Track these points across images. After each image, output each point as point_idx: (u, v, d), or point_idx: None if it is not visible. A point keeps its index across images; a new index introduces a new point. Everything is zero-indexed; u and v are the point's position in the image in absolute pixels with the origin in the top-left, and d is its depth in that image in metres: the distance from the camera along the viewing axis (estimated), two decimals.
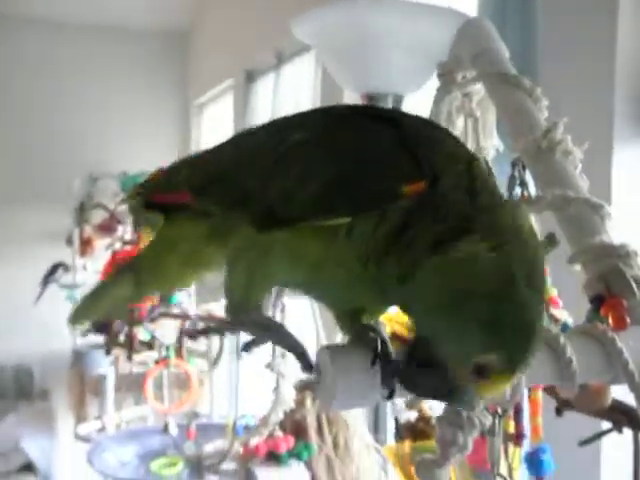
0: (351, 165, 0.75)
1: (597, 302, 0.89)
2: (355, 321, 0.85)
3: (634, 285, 0.87)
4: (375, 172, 0.74)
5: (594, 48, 2.10)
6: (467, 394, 0.67)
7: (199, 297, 4.45)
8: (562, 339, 0.81)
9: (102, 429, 5.18)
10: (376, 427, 2.51)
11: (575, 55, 2.14)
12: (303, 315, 1.81)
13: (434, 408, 1.49)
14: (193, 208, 0.87)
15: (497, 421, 0.98)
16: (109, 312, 1.09)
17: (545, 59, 2.13)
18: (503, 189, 1.20)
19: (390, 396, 0.75)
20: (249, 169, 0.82)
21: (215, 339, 4.08)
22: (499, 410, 0.99)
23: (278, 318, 1.57)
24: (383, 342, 0.78)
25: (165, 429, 3.62)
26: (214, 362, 4.17)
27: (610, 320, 0.87)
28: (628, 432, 1.12)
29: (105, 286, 1.03)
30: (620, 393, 1.05)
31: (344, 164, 0.75)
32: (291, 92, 4.44)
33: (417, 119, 0.82)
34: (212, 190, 0.85)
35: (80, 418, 5.55)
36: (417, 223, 0.72)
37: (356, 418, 1.90)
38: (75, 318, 1.04)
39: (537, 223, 1.10)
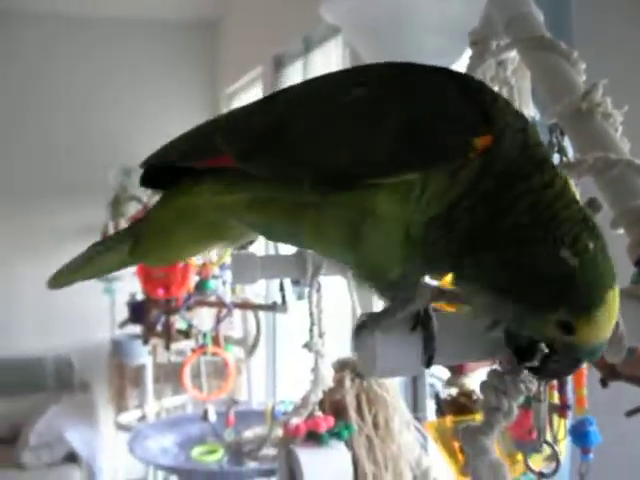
0: (419, 117, 0.72)
1: None
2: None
3: None
4: (444, 123, 0.71)
5: (629, 10, 2.05)
6: (578, 350, 0.69)
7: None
8: None
9: (142, 418, 5.24)
10: (415, 405, 2.50)
11: (610, 17, 2.09)
12: (339, 293, 1.80)
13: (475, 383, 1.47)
14: (227, 175, 0.83)
15: (542, 387, 0.97)
16: (93, 276, 1.01)
17: (579, 22, 2.08)
18: None
19: (429, 363, 0.75)
20: (306, 128, 0.77)
21: (252, 325, 4.10)
22: None
23: (314, 298, 1.56)
24: (425, 309, 0.77)
25: (204, 417, 3.65)
26: (251, 349, 4.19)
27: None
28: None
29: (97, 250, 0.96)
30: None
31: (412, 116, 0.72)
32: None
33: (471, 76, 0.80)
34: (263, 154, 0.78)
35: (120, 408, 5.62)
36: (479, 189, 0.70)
37: (396, 396, 1.89)
38: (56, 279, 1.00)
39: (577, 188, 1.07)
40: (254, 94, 6.07)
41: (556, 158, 1.10)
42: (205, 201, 0.86)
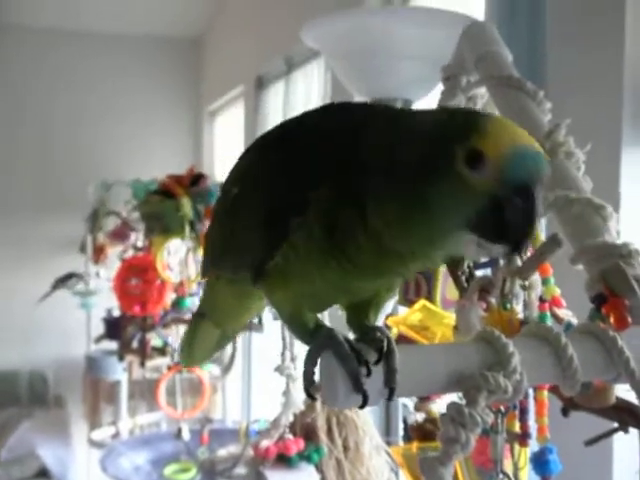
0: (267, 200, 0.82)
1: (598, 301, 0.90)
2: (363, 320, 0.88)
3: (635, 285, 0.88)
4: (284, 195, 0.79)
5: (602, 52, 2.11)
6: (504, 170, 0.69)
7: None
8: (563, 338, 0.81)
9: (116, 435, 5.21)
10: (387, 429, 2.52)
11: (583, 59, 2.15)
12: None
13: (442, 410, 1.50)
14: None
15: (500, 419, 0.99)
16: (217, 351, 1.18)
17: (553, 63, 2.13)
18: None
19: (390, 397, 0.77)
20: (221, 230, 0.94)
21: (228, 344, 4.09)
22: (502, 408, 0.99)
23: (287, 334, 1.58)
24: (388, 342, 0.80)
25: (178, 434, 3.64)
26: (227, 367, 4.19)
27: (612, 319, 0.88)
28: (635, 432, 1.12)
29: (190, 337, 1.11)
30: (626, 392, 1.06)
31: (261, 200, 0.82)
32: (301, 98, 4.47)
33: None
34: (219, 263, 0.96)
35: (94, 424, 5.58)
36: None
37: (366, 420, 1.91)
38: (187, 364, 1.16)
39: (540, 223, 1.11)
40: (236, 112, 6.10)
41: None
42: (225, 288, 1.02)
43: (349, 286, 0.84)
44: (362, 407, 0.78)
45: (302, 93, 4.47)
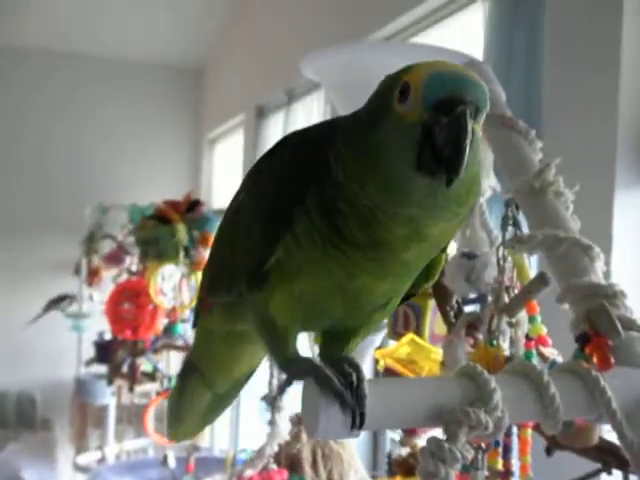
0: (267, 196, 0.86)
1: (582, 341, 0.90)
2: (336, 350, 0.90)
3: (619, 325, 0.89)
4: (281, 189, 0.83)
5: (598, 94, 2.13)
6: (427, 90, 0.71)
7: None
8: (546, 376, 0.82)
9: (102, 460, 5.16)
10: (374, 463, 2.50)
11: (579, 100, 2.17)
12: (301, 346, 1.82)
13: None
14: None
15: (480, 455, 0.99)
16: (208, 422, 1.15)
17: (548, 102, 2.16)
18: (497, 229, 1.22)
19: (361, 425, 0.76)
20: (221, 243, 0.97)
21: None
22: (483, 445, 0.99)
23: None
24: (357, 371, 0.80)
25: (164, 461, 3.60)
26: None
27: (595, 359, 0.88)
28: (618, 474, 1.12)
29: (177, 401, 1.09)
30: (608, 433, 1.05)
31: (262, 200, 0.86)
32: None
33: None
34: (215, 284, 0.97)
35: (81, 448, 5.52)
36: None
37: (352, 453, 1.89)
38: (175, 436, 1.12)
39: (528, 260, 1.12)
40: (236, 140, 6.14)
41: (510, 231, 1.14)
42: (213, 325, 1.03)
43: (349, 283, 0.83)
44: (353, 429, 0.77)
45: (302, 124, 4.50)
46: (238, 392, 1.14)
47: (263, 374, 1.83)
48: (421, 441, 1.45)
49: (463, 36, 3.13)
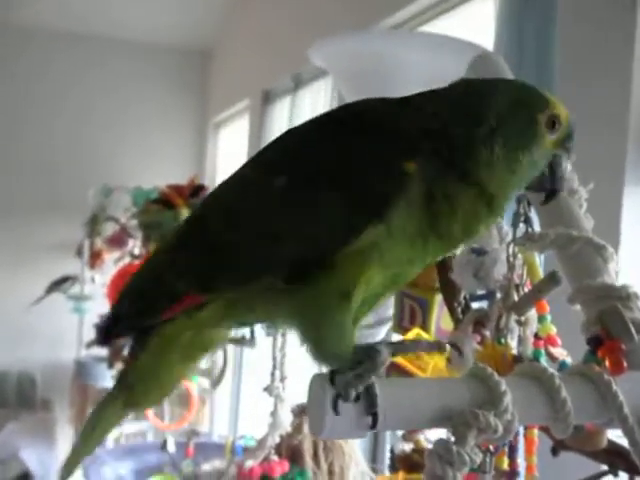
0: (352, 177, 0.78)
1: (594, 344, 0.88)
2: None
3: (633, 329, 0.87)
4: (374, 171, 0.77)
5: (609, 90, 2.11)
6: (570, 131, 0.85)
7: None
8: (557, 380, 0.80)
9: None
10: (374, 456, 2.50)
11: (589, 96, 2.15)
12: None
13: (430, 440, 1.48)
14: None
15: (488, 458, 0.98)
16: (98, 444, 0.96)
17: (561, 92, 2.13)
18: (508, 224, 1.20)
19: (374, 425, 0.75)
20: (247, 235, 0.81)
21: (219, 357, 4.07)
22: (491, 447, 0.98)
23: (279, 341, 1.57)
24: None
25: (163, 446, 3.60)
26: (216, 381, 4.16)
27: (607, 363, 0.87)
28: (625, 476, 1.11)
29: (94, 420, 0.94)
30: (618, 435, 1.04)
31: (346, 178, 0.78)
32: (307, 115, 4.47)
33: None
34: (220, 276, 0.82)
35: (80, 430, 5.53)
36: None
37: (353, 446, 1.89)
38: (67, 467, 0.94)
39: (539, 259, 1.10)
40: (241, 125, 6.11)
41: (522, 228, 1.12)
42: (188, 324, 0.87)
43: (405, 270, 0.83)
44: (372, 428, 0.76)
45: (308, 110, 4.48)
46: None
47: (265, 365, 1.82)
48: (424, 437, 1.44)
49: (472, 26, 3.10)
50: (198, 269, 0.84)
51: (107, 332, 0.93)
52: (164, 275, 0.86)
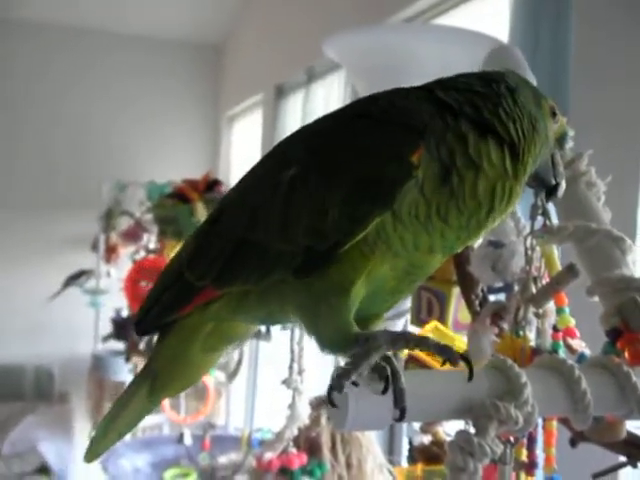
0: (356, 168, 0.79)
1: (613, 335, 0.89)
2: None
3: None
4: (378, 162, 0.78)
5: (625, 83, 2.10)
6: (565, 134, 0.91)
7: None
8: (577, 371, 0.81)
9: None
10: (391, 448, 2.51)
11: (606, 89, 2.14)
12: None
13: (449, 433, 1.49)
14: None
15: (509, 450, 0.98)
16: (123, 434, 0.99)
17: (575, 92, 2.13)
18: (525, 217, 1.21)
19: (401, 418, 0.76)
20: (261, 229, 0.83)
21: (235, 350, 4.09)
22: (511, 439, 0.99)
23: (297, 335, 1.58)
24: (391, 364, 0.79)
25: (180, 439, 3.63)
26: (232, 374, 4.18)
27: (626, 354, 0.87)
28: None
29: (118, 405, 0.97)
30: (637, 426, 1.04)
31: (350, 172, 0.79)
32: (320, 109, 4.47)
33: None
34: (234, 271, 0.85)
35: (97, 423, 5.57)
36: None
37: (370, 438, 1.90)
38: (91, 452, 0.97)
39: (558, 252, 1.10)
40: (254, 119, 6.12)
41: (540, 221, 1.12)
42: (206, 316, 0.91)
43: (425, 261, 0.83)
44: (399, 420, 0.76)
45: (321, 103, 4.48)
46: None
47: (281, 358, 1.84)
48: (442, 429, 1.45)
49: (485, 19, 3.09)
50: (217, 265, 0.87)
51: (137, 327, 0.97)
52: (185, 272, 0.90)
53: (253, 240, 0.84)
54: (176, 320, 0.93)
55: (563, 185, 0.89)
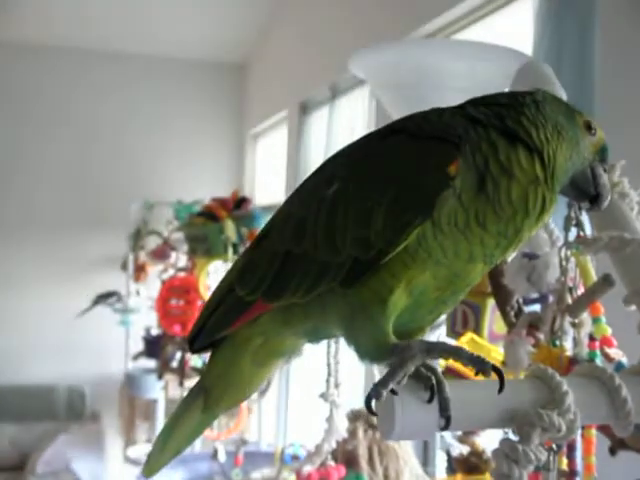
0: (397, 180, 0.83)
1: None
2: None
3: None
4: (417, 173, 0.82)
5: None
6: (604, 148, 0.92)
7: None
8: (617, 379, 0.82)
9: None
10: (425, 460, 2.51)
11: (632, 95, 2.15)
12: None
13: (486, 444, 1.50)
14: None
15: (552, 457, 1.00)
16: (181, 449, 1.02)
17: (601, 103, 2.14)
18: (559, 229, 1.23)
19: (446, 426, 0.79)
20: (309, 242, 0.87)
21: None
22: (554, 446, 1.00)
23: (332, 349, 1.60)
24: (435, 374, 0.81)
25: (214, 455, 3.66)
26: (263, 389, 4.21)
27: None
28: None
29: (173, 421, 1.01)
30: None
31: (391, 184, 0.83)
32: (345, 125, 4.50)
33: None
34: (283, 284, 0.89)
35: (129, 441, 5.63)
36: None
37: (407, 450, 1.91)
38: (150, 468, 1.00)
39: (593, 263, 1.12)
40: (279, 136, 6.17)
41: (574, 232, 1.14)
42: (254, 335, 0.95)
43: (465, 267, 0.85)
44: (444, 429, 0.79)
45: (346, 119, 4.51)
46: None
47: (319, 372, 1.86)
48: (480, 439, 1.46)
49: (507, 35, 3.11)
50: (267, 279, 0.91)
51: (190, 344, 1.02)
52: (236, 288, 0.94)
53: (301, 253, 0.88)
54: (227, 336, 0.97)
55: (607, 197, 0.90)
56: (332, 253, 0.85)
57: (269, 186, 6.63)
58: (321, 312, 0.89)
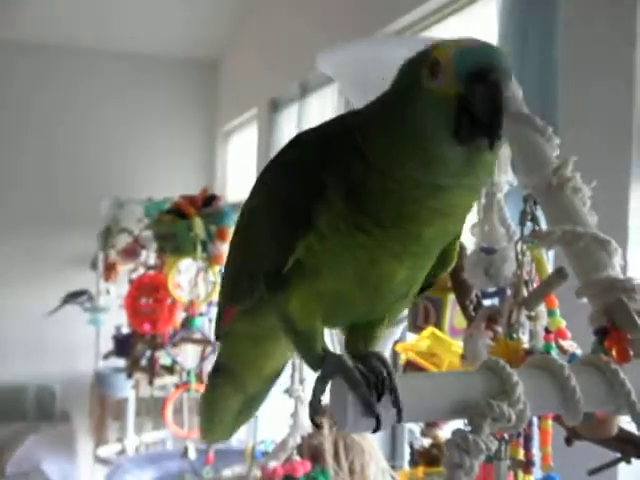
0: (278, 199, 0.89)
1: (601, 334, 0.92)
2: (362, 344, 0.94)
3: (637, 319, 0.91)
4: (293, 190, 0.86)
5: (613, 84, 2.14)
6: (461, 62, 0.75)
7: None
8: (567, 370, 0.84)
9: (122, 452, 5.21)
10: (393, 454, 2.53)
11: (594, 90, 2.18)
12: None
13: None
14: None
15: (503, 446, 1.02)
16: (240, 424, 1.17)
17: (564, 97, 2.17)
18: (515, 223, 1.24)
19: (399, 418, 0.80)
20: (237, 251, 1.00)
21: None
22: (505, 436, 1.02)
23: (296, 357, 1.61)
24: (387, 367, 0.83)
25: (184, 453, 3.64)
26: None
27: (614, 352, 0.91)
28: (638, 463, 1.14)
29: (208, 402, 1.15)
30: (628, 424, 1.08)
31: (275, 202, 0.90)
32: (315, 122, 4.49)
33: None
34: (236, 289, 1.00)
35: (100, 441, 5.58)
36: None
37: (372, 444, 1.93)
38: (209, 437, 1.20)
39: (547, 255, 1.14)
40: (250, 134, 6.16)
41: (529, 226, 1.16)
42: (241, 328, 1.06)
43: (372, 270, 0.86)
44: (375, 431, 0.80)
45: (316, 117, 4.52)
46: (268, 391, 1.17)
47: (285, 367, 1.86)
48: (442, 432, 1.48)
49: (476, 29, 3.14)
50: (224, 286, 1.05)
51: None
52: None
53: (237, 262, 1.01)
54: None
55: (495, 116, 0.74)
56: (248, 266, 0.95)
57: (240, 184, 6.62)
58: (267, 318, 0.95)
